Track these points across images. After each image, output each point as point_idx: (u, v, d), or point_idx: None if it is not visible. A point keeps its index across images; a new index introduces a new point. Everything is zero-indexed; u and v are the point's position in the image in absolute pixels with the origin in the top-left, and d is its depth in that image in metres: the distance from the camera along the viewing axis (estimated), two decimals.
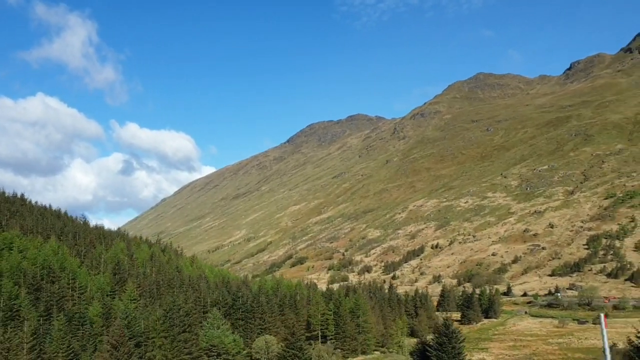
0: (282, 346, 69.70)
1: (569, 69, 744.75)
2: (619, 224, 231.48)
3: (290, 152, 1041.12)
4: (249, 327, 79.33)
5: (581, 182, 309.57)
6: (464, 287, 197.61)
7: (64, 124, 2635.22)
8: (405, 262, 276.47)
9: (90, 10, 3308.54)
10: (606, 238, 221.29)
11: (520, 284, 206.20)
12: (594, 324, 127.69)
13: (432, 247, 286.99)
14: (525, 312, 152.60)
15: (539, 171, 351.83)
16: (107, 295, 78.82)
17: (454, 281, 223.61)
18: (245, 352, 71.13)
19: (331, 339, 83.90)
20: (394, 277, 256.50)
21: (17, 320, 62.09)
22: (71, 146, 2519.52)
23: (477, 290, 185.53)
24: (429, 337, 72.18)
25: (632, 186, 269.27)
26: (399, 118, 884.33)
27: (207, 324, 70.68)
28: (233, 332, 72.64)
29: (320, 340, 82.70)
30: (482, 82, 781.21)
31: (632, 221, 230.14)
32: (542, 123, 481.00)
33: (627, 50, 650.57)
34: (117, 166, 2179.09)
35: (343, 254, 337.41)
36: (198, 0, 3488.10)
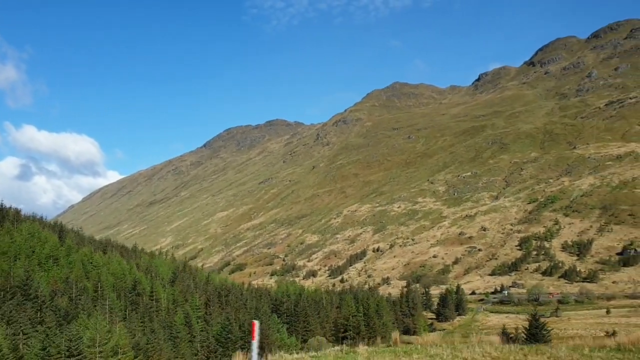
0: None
1: (477, 80, 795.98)
2: (544, 227, 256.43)
3: (208, 156, 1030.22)
4: (294, 329, 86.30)
5: (504, 188, 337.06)
6: (426, 287, 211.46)
7: None
8: (350, 266, 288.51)
9: None
10: (535, 240, 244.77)
11: (465, 283, 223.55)
12: (551, 316, 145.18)
13: (373, 251, 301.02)
14: (483, 309, 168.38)
15: (463, 177, 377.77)
16: (178, 305, 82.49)
17: (403, 282, 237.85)
18: None
19: (362, 337, 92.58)
20: (342, 281, 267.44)
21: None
22: None
23: (435, 291, 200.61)
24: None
25: (551, 191, 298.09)
26: (318, 124, 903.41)
27: (270, 328, 77.07)
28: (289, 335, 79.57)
29: (349, 339, 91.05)
30: (399, 91, 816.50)
31: (556, 224, 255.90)
32: (459, 132, 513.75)
33: (530, 63, 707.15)
34: (13, 171, 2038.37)
35: (283, 260, 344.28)
36: None
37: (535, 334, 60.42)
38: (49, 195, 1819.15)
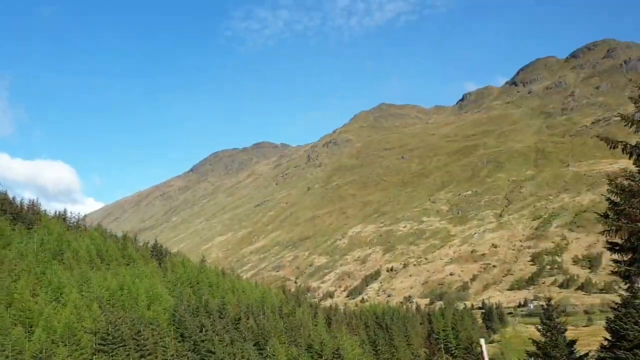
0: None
1: (461, 100, 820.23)
2: (552, 242, 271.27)
3: (196, 181, 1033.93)
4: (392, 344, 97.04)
5: (506, 206, 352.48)
6: (450, 304, 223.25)
7: None
8: (367, 286, 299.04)
9: None
10: (546, 255, 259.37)
11: (487, 298, 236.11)
12: (586, 325, 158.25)
13: (387, 271, 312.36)
14: (518, 322, 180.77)
15: (465, 196, 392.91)
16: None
17: (425, 300, 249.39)
18: None
19: (453, 349, 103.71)
20: (362, 301, 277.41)
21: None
22: None
23: (460, 307, 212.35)
24: None
25: (553, 208, 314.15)
26: (305, 145, 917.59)
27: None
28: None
29: (443, 351, 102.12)
30: (385, 112, 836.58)
31: (563, 239, 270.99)
32: (452, 151, 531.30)
33: (513, 83, 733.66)
34: None
35: (295, 282, 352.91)
36: (80, 20, 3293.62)
37: None
38: None
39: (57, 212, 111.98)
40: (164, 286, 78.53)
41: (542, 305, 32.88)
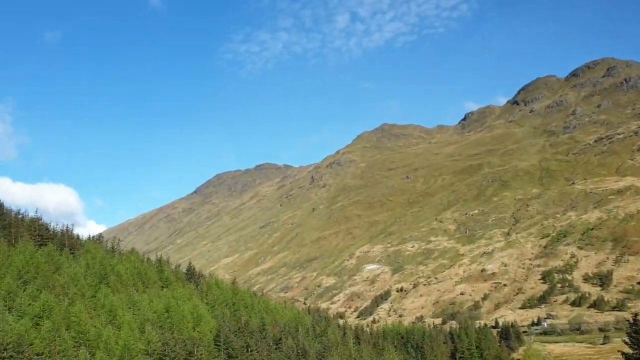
0: None
1: (463, 119, 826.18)
2: (562, 260, 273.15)
3: (200, 203, 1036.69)
4: None
5: (514, 224, 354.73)
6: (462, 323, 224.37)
7: None
8: (378, 307, 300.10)
9: None
10: (557, 273, 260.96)
11: (499, 317, 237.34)
12: (604, 343, 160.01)
13: (397, 291, 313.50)
14: (532, 340, 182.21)
15: (471, 215, 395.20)
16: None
17: (437, 320, 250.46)
18: None
19: None
20: (373, 321, 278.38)
21: None
22: None
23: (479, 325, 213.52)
24: None
25: (561, 226, 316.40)
26: (308, 166, 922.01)
27: None
28: None
29: None
30: (388, 132, 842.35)
31: (572, 257, 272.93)
32: (457, 171, 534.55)
33: (514, 102, 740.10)
34: None
35: (304, 303, 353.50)
36: (83, 45, 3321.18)
37: None
38: None
39: (91, 236, 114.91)
40: (203, 308, 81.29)
41: (629, 320, 35.45)
